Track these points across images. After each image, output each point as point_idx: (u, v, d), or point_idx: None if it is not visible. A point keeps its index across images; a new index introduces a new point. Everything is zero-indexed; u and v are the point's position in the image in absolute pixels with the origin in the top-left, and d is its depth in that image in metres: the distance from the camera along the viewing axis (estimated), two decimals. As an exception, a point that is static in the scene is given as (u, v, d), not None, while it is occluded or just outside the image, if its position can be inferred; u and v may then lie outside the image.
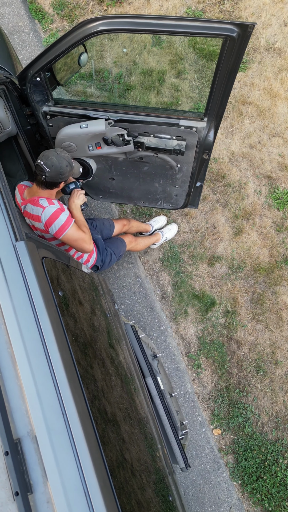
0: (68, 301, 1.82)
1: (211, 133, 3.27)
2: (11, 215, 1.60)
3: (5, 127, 3.35)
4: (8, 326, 1.37)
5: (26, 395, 1.28)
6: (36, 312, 1.41)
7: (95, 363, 1.87)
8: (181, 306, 4.88)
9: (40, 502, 1.16)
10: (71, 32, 2.75)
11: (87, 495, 1.17)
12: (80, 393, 1.38)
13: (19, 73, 3.13)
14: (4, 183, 1.75)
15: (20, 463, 1.18)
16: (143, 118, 3.25)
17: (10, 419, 1.24)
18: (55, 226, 3.24)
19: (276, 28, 5.70)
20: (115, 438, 1.66)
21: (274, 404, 4.59)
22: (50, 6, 5.87)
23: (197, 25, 2.53)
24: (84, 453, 1.23)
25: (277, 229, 5.08)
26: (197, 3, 5.81)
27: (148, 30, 2.65)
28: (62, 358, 1.36)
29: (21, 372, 1.31)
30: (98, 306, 2.63)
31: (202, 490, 4.38)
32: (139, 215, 5.13)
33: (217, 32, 2.53)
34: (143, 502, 1.73)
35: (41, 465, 1.19)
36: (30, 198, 3.30)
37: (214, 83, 2.86)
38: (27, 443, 1.22)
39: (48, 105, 3.33)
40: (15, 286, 1.45)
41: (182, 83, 5.48)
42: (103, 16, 2.64)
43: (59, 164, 3.16)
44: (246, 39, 2.55)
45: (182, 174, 3.67)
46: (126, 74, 5.54)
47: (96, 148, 3.46)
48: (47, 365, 1.33)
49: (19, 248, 1.51)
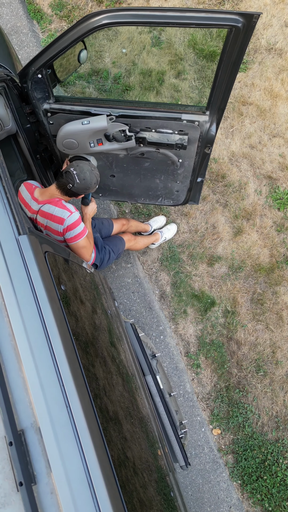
0: (70, 295, 1.82)
1: (213, 127, 3.27)
2: (13, 209, 1.60)
3: (5, 125, 3.34)
4: (12, 319, 1.37)
5: (29, 387, 1.27)
6: (39, 305, 1.41)
7: (97, 361, 1.87)
8: (180, 306, 4.88)
9: (44, 493, 1.15)
10: (75, 27, 2.74)
11: (90, 486, 1.17)
12: (83, 385, 1.38)
13: (20, 71, 3.12)
14: (7, 177, 1.75)
15: (24, 454, 1.18)
16: (144, 113, 3.25)
17: (13, 410, 1.24)
18: (74, 232, 3.29)
19: (277, 28, 5.71)
20: (116, 435, 1.66)
21: (274, 404, 4.59)
22: (49, 7, 5.87)
23: (202, 16, 2.53)
24: (88, 444, 1.23)
25: (277, 229, 5.08)
26: (197, 3, 5.81)
27: (152, 23, 2.65)
28: (65, 351, 1.36)
29: (24, 365, 1.30)
30: (99, 303, 2.63)
31: (202, 490, 4.37)
32: (138, 215, 5.12)
33: (222, 22, 2.53)
34: (145, 500, 1.72)
35: (45, 456, 1.19)
36: (50, 199, 3.31)
37: (217, 75, 2.87)
38: (30, 434, 1.22)
39: (49, 103, 3.32)
40: (18, 280, 1.45)
41: (181, 84, 5.49)
42: (107, 10, 2.63)
43: (90, 180, 3.23)
44: (251, 29, 2.56)
45: (183, 169, 3.67)
46: (125, 75, 5.54)
47: (97, 144, 3.46)
48: (50, 358, 1.33)
49: (22, 242, 1.51)
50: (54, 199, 3.30)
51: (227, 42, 2.65)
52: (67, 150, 3.52)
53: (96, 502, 1.16)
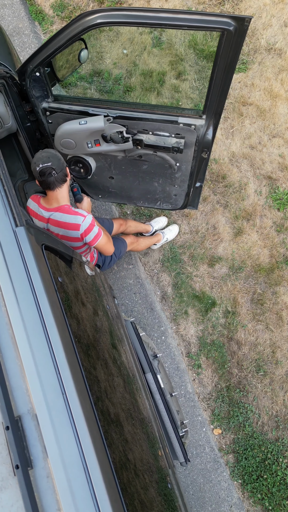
0: (67, 286, 1.83)
1: (210, 131, 3.26)
2: (11, 201, 1.61)
3: (5, 123, 3.35)
4: (9, 308, 1.39)
5: (26, 374, 1.29)
6: (36, 295, 1.43)
7: (93, 350, 1.88)
8: (182, 306, 4.89)
9: (40, 477, 1.17)
10: (70, 25, 2.75)
11: (86, 470, 1.19)
12: (79, 372, 1.39)
13: (18, 68, 3.13)
14: (5, 170, 1.76)
15: (20, 439, 1.20)
16: (142, 115, 3.25)
17: (10, 397, 1.26)
18: (92, 234, 3.30)
19: (276, 28, 5.74)
20: (116, 431, 1.67)
21: (274, 404, 4.59)
22: (50, 8, 5.91)
23: (194, 18, 2.54)
24: (83, 430, 1.24)
25: (277, 230, 5.09)
26: (197, 3, 5.85)
27: (145, 23, 2.66)
28: (61, 339, 1.38)
29: (21, 352, 1.32)
30: (97, 296, 2.64)
31: (203, 489, 4.36)
32: (139, 216, 5.14)
33: (214, 25, 2.54)
34: (145, 501, 1.73)
35: (41, 441, 1.21)
36: (59, 207, 3.28)
37: (212, 79, 2.86)
38: (27, 420, 1.23)
39: (47, 101, 3.33)
40: (15, 271, 1.46)
41: (182, 84, 5.51)
42: (101, 9, 2.66)
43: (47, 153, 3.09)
44: (243, 32, 2.55)
45: (181, 173, 3.66)
46: (126, 75, 5.57)
47: (95, 145, 3.47)
48: (46, 346, 1.35)
49: (19, 233, 1.53)
50: (63, 207, 3.27)
51: (220, 45, 2.64)
52: (65, 150, 3.53)
53: (91, 485, 1.18)
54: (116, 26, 5.61)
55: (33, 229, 1.61)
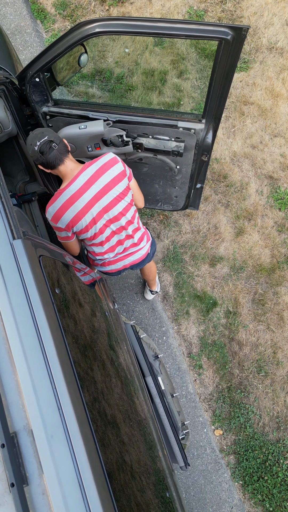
0: (66, 298, 1.83)
1: (210, 135, 3.28)
2: (8, 213, 1.61)
3: (5, 128, 3.36)
4: (5, 322, 1.39)
5: (22, 389, 1.29)
6: (33, 308, 1.42)
7: (94, 364, 1.88)
8: (183, 306, 4.89)
9: (36, 494, 1.17)
10: (69, 34, 2.79)
11: (81, 487, 1.19)
12: (76, 388, 1.39)
13: (18, 74, 3.15)
14: (2, 182, 1.76)
15: (16, 456, 1.20)
16: (141, 119, 3.27)
17: (6, 413, 1.26)
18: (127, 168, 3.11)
19: (278, 27, 5.72)
20: (113, 438, 1.67)
21: (275, 405, 4.59)
22: (52, 6, 5.90)
23: (192, 28, 2.59)
24: (79, 446, 1.24)
25: (278, 230, 5.08)
26: (199, 2, 5.82)
27: (144, 33, 2.70)
28: (58, 354, 1.37)
29: (17, 368, 1.32)
30: (97, 306, 2.64)
31: (204, 490, 4.37)
32: (141, 215, 5.14)
33: (211, 35, 2.59)
34: (141, 503, 1.73)
35: (37, 457, 1.21)
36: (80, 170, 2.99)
37: (211, 85, 2.90)
38: (23, 436, 1.23)
39: (47, 106, 3.35)
40: (12, 284, 1.46)
41: (184, 83, 5.50)
42: (99, 18, 2.70)
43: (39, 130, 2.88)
44: (241, 42, 2.60)
45: (181, 175, 3.68)
46: (128, 74, 5.56)
47: (95, 149, 3.48)
48: (43, 361, 1.34)
49: (16, 246, 1.52)
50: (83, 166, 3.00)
51: (218, 54, 2.69)
52: None
53: (87, 502, 1.18)
54: (114, 35, 5.61)
55: (31, 242, 1.61)
